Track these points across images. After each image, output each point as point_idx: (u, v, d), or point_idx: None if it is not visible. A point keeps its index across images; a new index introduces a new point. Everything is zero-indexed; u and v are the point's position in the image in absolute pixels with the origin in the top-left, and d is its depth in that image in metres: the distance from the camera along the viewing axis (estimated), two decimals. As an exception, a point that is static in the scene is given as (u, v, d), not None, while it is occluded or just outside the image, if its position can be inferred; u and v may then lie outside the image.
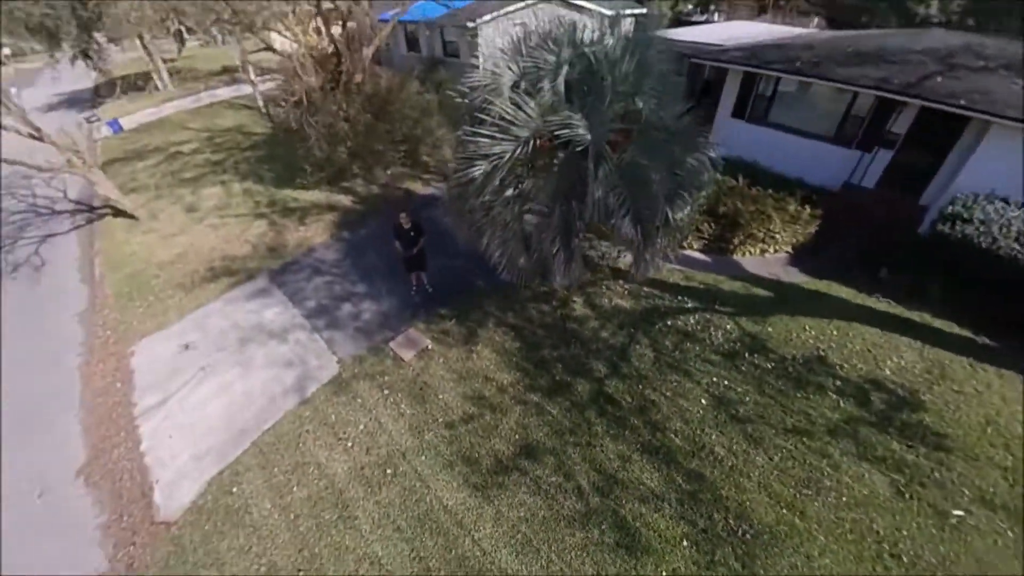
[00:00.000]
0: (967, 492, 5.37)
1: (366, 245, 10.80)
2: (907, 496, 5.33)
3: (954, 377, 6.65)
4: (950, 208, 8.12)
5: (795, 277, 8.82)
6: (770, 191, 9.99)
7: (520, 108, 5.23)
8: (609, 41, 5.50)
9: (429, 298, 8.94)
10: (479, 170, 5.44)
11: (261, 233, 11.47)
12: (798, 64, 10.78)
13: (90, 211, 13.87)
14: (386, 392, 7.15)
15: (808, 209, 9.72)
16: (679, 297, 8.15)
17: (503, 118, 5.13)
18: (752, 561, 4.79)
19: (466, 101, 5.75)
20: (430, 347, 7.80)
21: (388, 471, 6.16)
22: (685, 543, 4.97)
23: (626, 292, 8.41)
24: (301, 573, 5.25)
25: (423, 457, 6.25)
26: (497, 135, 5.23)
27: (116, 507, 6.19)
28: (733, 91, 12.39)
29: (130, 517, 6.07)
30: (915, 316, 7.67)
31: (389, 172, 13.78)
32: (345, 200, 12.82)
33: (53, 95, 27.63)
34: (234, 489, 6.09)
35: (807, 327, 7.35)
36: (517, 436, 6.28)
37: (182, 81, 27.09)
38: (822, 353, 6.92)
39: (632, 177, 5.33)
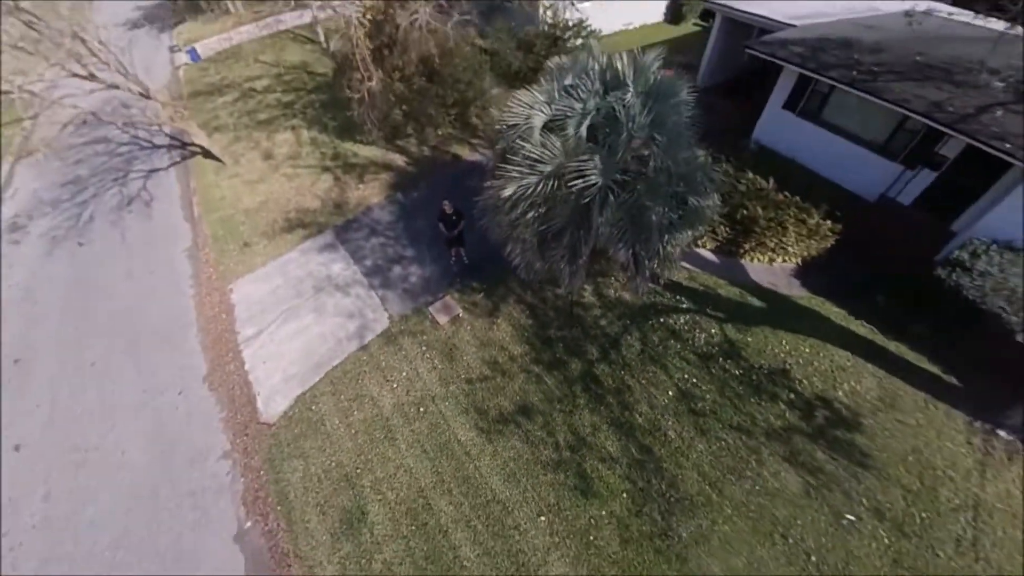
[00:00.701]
0: (866, 503, 6.90)
1: (416, 210, 12.49)
2: (813, 496, 6.95)
3: (902, 408, 7.83)
4: (956, 253, 8.57)
5: (794, 290, 9.79)
6: (796, 199, 10.49)
7: (546, 148, 6.47)
8: (630, 95, 6.45)
9: (465, 268, 10.70)
10: (508, 192, 6.83)
11: (327, 188, 13.36)
12: (855, 73, 10.59)
13: (183, 147, 16.16)
14: (423, 348, 9.25)
15: (828, 223, 10.25)
16: (677, 296, 9.47)
17: (530, 156, 6.41)
18: (669, 517, 6.74)
19: (502, 135, 6.97)
20: (461, 315, 9.71)
21: (421, 409, 8.41)
22: (625, 495, 6.95)
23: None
24: (359, 470, 7.73)
25: (447, 403, 8.42)
26: (525, 170, 6.54)
27: (231, 407, 8.89)
28: (790, 83, 12.26)
29: (241, 416, 8.75)
30: (892, 346, 8.63)
31: (440, 133, 14.96)
32: (399, 160, 14.33)
33: (133, 8, 29.39)
34: (312, 407, 8.57)
35: (783, 341, 8.60)
36: (518, 397, 8.28)
37: (248, 4, 27.98)
38: (787, 367, 8.25)
39: (633, 214, 6.55)
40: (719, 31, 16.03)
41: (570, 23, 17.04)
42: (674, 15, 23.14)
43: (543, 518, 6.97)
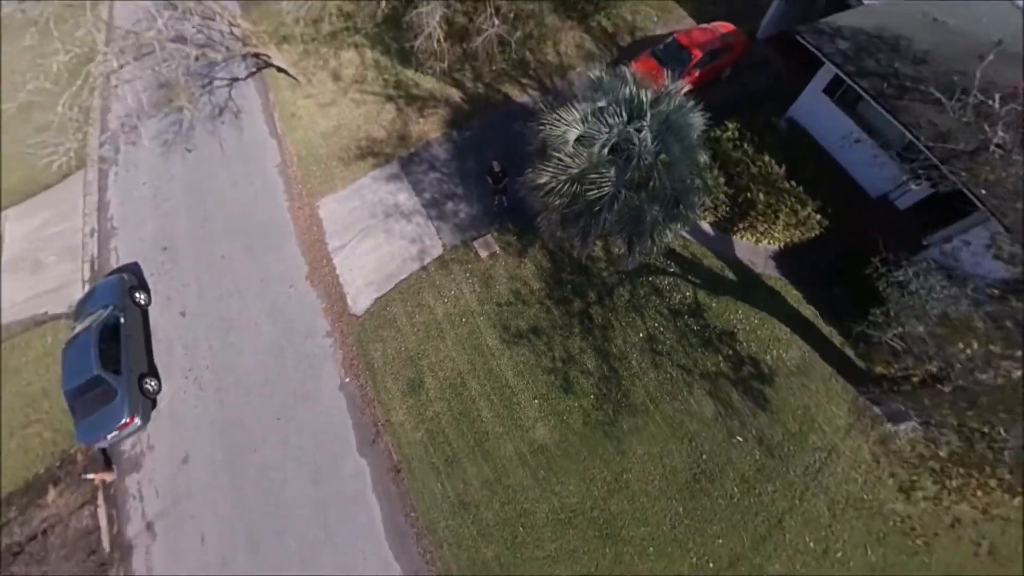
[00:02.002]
0: (754, 433, 10.57)
1: (467, 150, 15.05)
2: (719, 421, 10.65)
3: (811, 376, 11.07)
4: (903, 268, 10.55)
5: (767, 270, 12.49)
6: (798, 189, 12.49)
7: (575, 157, 9.10)
8: (645, 130, 8.77)
9: (505, 211, 13.68)
10: (542, 181, 9.64)
11: (392, 119, 15.87)
12: (885, 85, 11.59)
13: (257, 56, 18.30)
14: (467, 275, 12.76)
15: (818, 217, 12.42)
16: (668, 261, 12.44)
17: (563, 166, 9.07)
18: (617, 415, 10.69)
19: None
20: (498, 252, 13.01)
21: (463, 319, 12.20)
22: (592, 396, 10.88)
23: (634, 246, 12.76)
24: (418, 355, 11.80)
25: (481, 318, 12.15)
26: (557, 170, 9.26)
27: (328, 301, 12.86)
28: (832, 71, 13.13)
29: (336, 308, 12.75)
30: (826, 331, 11.52)
31: (493, 68, 16.71)
32: (455, 95, 16.40)
33: None
34: (386, 308, 12.47)
35: (740, 311, 11.72)
36: (531, 321, 11.92)
37: None
38: (735, 331, 11.48)
39: (633, 214, 9.33)
40: None
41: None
42: None
43: (536, 401, 11.05)
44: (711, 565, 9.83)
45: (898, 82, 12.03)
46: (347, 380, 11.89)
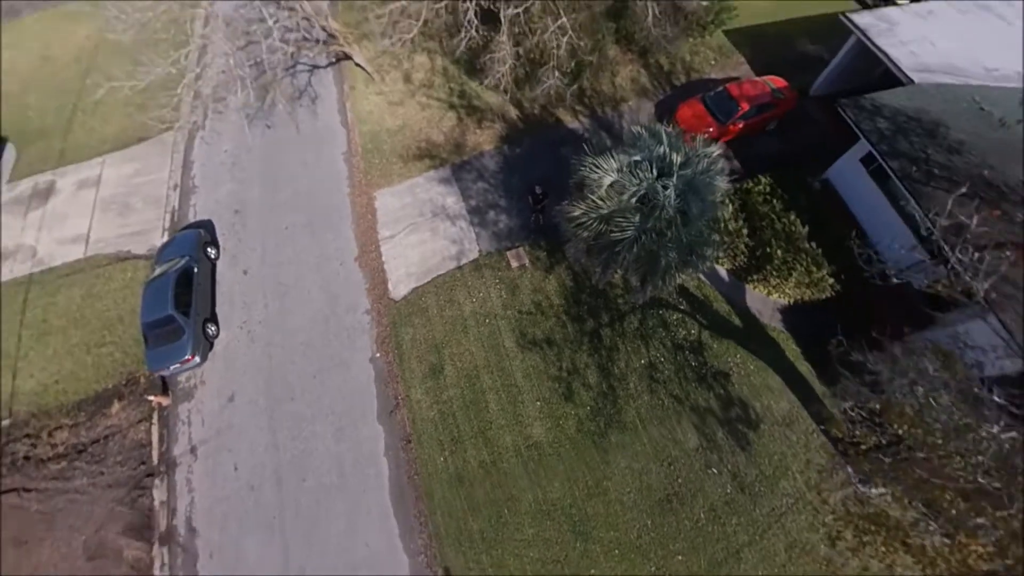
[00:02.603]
0: (730, 468, 11.83)
1: (515, 166, 16.72)
2: (699, 452, 12.02)
3: (795, 429, 12.25)
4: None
5: (772, 322, 13.72)
6: (818, 251, 13.63)
7: (605, 200, 10.60)
8: (671, 188, 10.18)
9: (539, 229, 15.27)
10: (575, 214, 11.19)
11: (452, 126, 17.67)
12: (914, 169, 12.59)
13: (337, 41, 20.36)
14: (496, 281, 14.44)
15: (831, 281, 13.54)
16: (680, 299, 13.81)
17: (595, 207, 10.58)
18: (608, 429, 12.18)
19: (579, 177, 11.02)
20: (526, 264, 14.63)
21: (486, 320, 13.89)
22: (588, 408, 12.41)
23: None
24: (442, 344, 13.55)
25: (503, 321, 13.81)
26: (590, 208, 10.77)
27: (372, 283, 14.77)
28: (868, 145, 14.21)
29: (377, 290, 14.65)
30: (818, 388, 12.67)
31: (551, 93, 18.25)
32: (512, 112, 18.08)
33: None
34: (421, 298, 14.28)
35: (738, 355, 13.01)
36: (546, 332, 13.51)
37: None
38: (730, 373, 12.79)
39: (650, 257, 10.77)
40: (849, 50, 17.13)
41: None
42: None
43: (538, 403, 12.65)
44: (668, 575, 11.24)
45: (927, 168, 13.03)
46: (378, 355, 13.76)
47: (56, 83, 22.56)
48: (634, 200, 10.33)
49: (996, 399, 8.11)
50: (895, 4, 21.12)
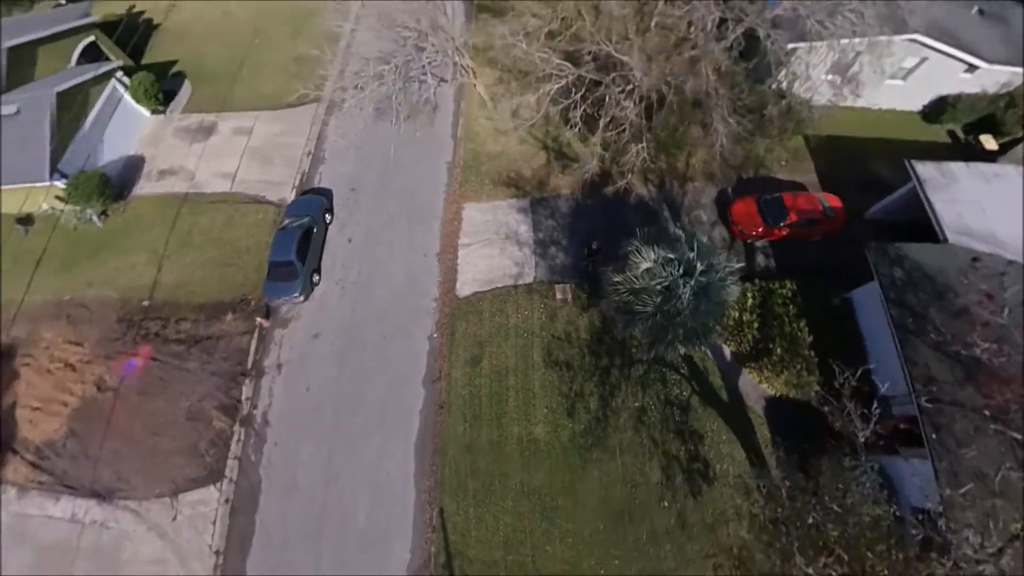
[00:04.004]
0: (678, 507, 15.60)
1: (584, 213, 20.80)
2: (659, 486, 15.80)
3: (744, 493, 15.80)
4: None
5: (754, 405, 17.19)
6: (815, 360, 16.86)
7: (638, 280, 14.54)
8: (688, 289, 13.96)
9: (587, 275, 19.31)
10: (616, 279, 15.21)
11: (540, 165, 21.96)
12: (910, 320, 15.59)
13: (464, 70, 25.05)
14: (541, 306, 18.67)
15: (817, 388, 16.77)
16: (683, 363, 17.56)
17: (630, 281, 14.53)
18: (593, 446, 16.16)
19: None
20: (568, 300, 18.77)
21: (524, 334, 18.17)
22: (583, 425, 16.51)
23: (665, 342, 17.99)
24: (485, 343, 17.93)
25: (537, 339, 18.05)
26: (626, 281, 14.74)
27: (444, 277, 19.40)
28: None
29: (446, 285, 19.26)
30: (775, 474, 16.12)
31: (634, 161, 22.16)
32: (595, 167, 22.09)
33: None
34: (479, 303, 18.77)
35: (716, 424, 16.67)
36: (569, 357, 17.64)
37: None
38: (704, 436, 16.47)
39: (659, 330, 14.62)
40: (910, 189, 19.64)
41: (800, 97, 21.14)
42: (932, 111, 24.48)
43: (545, 410, 16.83)
44: (602, 572, 15.15)
45: (923, 324, 15.88)
46: (434, 335, 18.33)
47: (231, 37, 28.56)
48: (659, 287, 14.21)
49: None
50: (982, 148, 23.52)
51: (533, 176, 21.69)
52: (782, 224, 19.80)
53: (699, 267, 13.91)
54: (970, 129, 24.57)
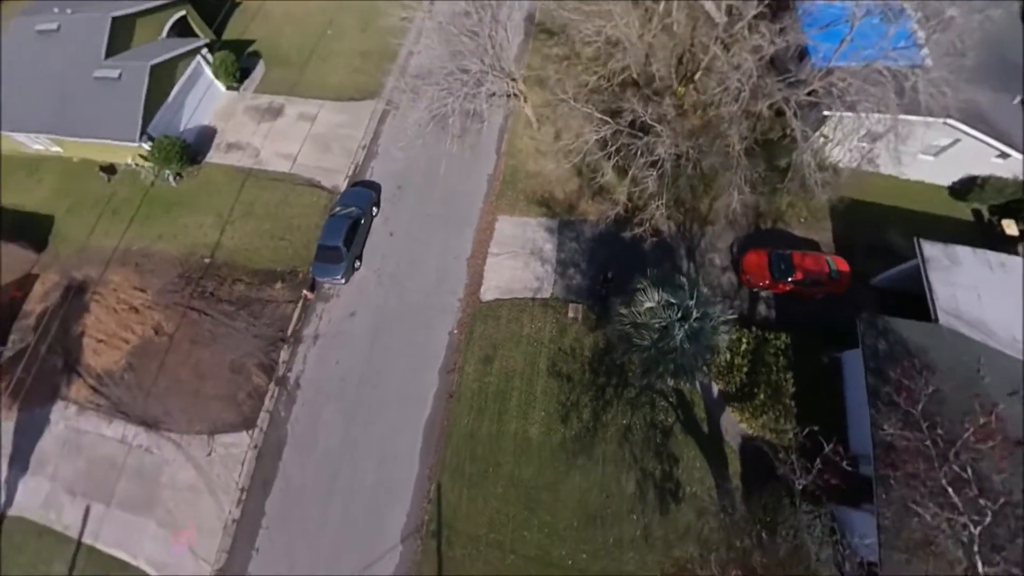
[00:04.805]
0: (645, 520, 18.18)
1: (605, 241, 23.30)
2: (631, 496, 18.39)
3: (707, 518, 18.36)
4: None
5: (731, 440, 19.57)
6: (794, 410, 19.24)
7: (640, 316, 17.05)
8: (682, 333, 16.40)
9: (599, 299, 21.89)
10: (623, 312, 17.77)
11: (573, 190, 24.51)
12: (882, 390, 17.81)
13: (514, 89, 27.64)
14: (553, 320, 21.35)
15: (790, 436, 19.07)
16: (673, 392, 20.05)
17: (634, 315, 17.04)
18: (578, 452, 18.81)
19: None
20: (578, 319, 21.39)
21: (535, 343, 20.89)
22: (573, 432, 19.17)
23: (659, 370, 20.52)
24: (498, 346, 20.72)
25: (544, 349, 20.76)
26: (630, 316, 17.26)
27: (471, 281, 22.22)
28: None
29: (471, 288, 22.08)
30: (739, 504, 18.66)
31: (656, 204, 24.53)
32: (622, 197, 24.58)
33: None
34: (499, 308, 21.56)
35: (692, 452, 19.14)
36: (570, 370, 20.30)
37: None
38: (679, 460, 18.97)
39: (651, 362, 17.12)
40: (912, 266, 21.52)
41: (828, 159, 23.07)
42: (960, 189, 25.77)
43: (543, 413, 19.55)
44: (570, 563, 17.84)
45: (896, 395, 17.79)
46: (455, 332, 21.17)
47: (306, 23, 31.60)
48: (657, 325, 16.72)
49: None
50: (1002, 232, 24.83)
51: (565, 199, 24.25)
52: (788, 280, 21.98)
53: (695, 314, 16.39)
54: (995, 210, 25.71)
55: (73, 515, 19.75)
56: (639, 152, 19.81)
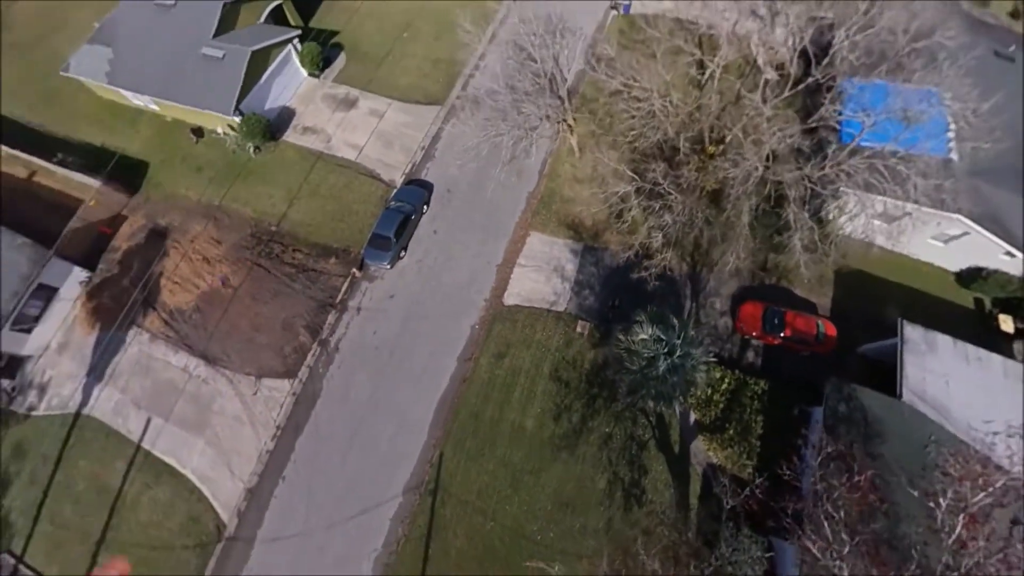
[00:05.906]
0: (609, 515, 22.38)
1: (622, 270, 27.32)
2: (601, 493, 22.59)
3: (652, 522, 22.49)
4: None
5: (696, 464, 23.50)
6: (758, 450, 23.25)
7: (634, 344, 21.12)
8: (666, 364, 20.39)
9: (606, 320, 25.98)
10: (620, 337, 21.91)
11: (600, 220, 28.54)
12: (830, 451, 21.77)
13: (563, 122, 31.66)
14: (562, 333, 25.55)
15: (750, 471, 22.99)
16: (654, 413, 24.10)
17: (628, 343, 21.09)
18: (562, 448, 23.07)
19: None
20: (584, 335, 25.54)
21: (543, 349, 25.16)
22: (562, 431, 23.37)
23: (646, 392, 24.59)
24: (512, 346, 25.06)
25: (550, 356, 25.02)
26: (626, 343, 21.33)
27: (497, 285, 26.57)
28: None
29: (497, 292, 26.41)
30: (693, 519, 22.71)
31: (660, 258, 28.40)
32: (644, 231, 28.54)
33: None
34: (517, 313, 25.86)
35: (660, 466, 23.15)
36: (569, 378, 24.50)
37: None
38: (649, 471, 22.99)
39: (636, 386, 21.20)
40: (894, 344, 25.09)
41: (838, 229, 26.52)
42: (965, 276, 28.01)
43: (539, 410, 23.81)
44: (539, 538, 22.13)
45: (844, 462, 21.57)
46: (476, 326, 25.57)
47: (386, 22, 35.98)
48: (646, 354, 20.77)
49: None
50: (997, 326, 27.28)
51: (592, 227, 28.31)
52: (777, 335, 25.66)
53: (679, 351, 20.44)
54: (997, 303, 27.98)
55: (137, 423, 24.79)
56: (654, 211, 23.78)
